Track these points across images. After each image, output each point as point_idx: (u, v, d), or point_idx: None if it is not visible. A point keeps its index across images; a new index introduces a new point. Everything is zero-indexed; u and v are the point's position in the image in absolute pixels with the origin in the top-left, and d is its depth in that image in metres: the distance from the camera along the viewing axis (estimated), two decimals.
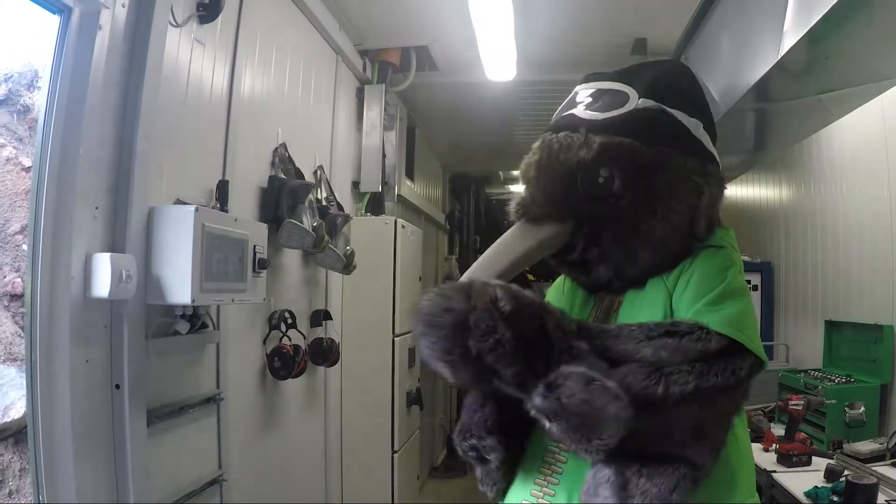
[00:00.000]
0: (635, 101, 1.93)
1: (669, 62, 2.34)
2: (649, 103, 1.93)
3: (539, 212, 1.91)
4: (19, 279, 3.72)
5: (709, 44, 4.14)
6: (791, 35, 2.86)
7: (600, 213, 1.88)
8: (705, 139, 1.98)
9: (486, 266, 1.89)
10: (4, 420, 3.43)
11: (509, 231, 1.97)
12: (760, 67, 3.22)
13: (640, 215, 1.85)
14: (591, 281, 2.02)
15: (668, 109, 1.93)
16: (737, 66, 3.60)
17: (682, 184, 1.88)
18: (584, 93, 2.05)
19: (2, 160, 3.87)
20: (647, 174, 1.86)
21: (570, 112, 2.02)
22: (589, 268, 1.96)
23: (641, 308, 1.89)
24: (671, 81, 2.02)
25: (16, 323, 3.71)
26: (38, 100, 4.00)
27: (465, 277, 1.81)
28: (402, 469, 5.80)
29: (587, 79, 2.13)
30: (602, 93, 2.00)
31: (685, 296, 1.81)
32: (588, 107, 1.98)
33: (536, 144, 2.03)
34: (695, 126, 1.96)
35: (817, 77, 3.27)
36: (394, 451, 5.70)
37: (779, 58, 2.98)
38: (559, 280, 2.27)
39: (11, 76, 4.00)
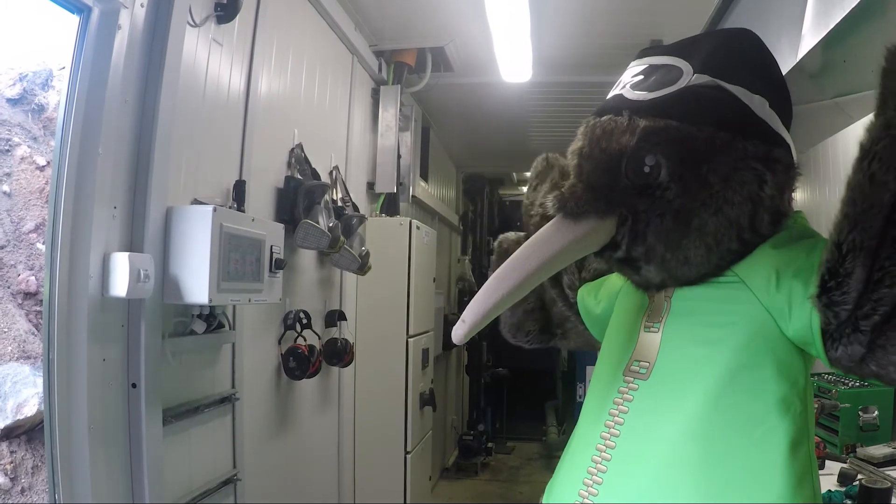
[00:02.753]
0: (688, 77, 1.70)
1: (733, 31, 1.98)
2: (704, 79, 1.70)
3: (576, 206, 1.68)
4: (33, 277, 3.74)
5: None
6: (809, 37, 2.85)
7: (644, 207, 1.67)
8: (772, 119, 1.72)
9: (513, 268, 1.70)
10: (17, 417, 3.45)
11: (544, 227, 1.75)
12: None
13: (689, 209, 1.64)
14: (643, 281, 1.85)
15: (726, 85, 1.69)
16: None
17: (740, 172, 1.64)
18: (634, 69, 1.84)
19: (16, 159, 3.90)
20: (697, 161, 1.64)
21: (617, 93, 1.81)
22: (638, 266, 1.77)
23: (694, 294, 1.74)
24: (731, 52, 1.78)
25: (29, 321, 3.74)
26: (53, 99, 4.04)
27: (493, 279, 1.70)
28: (414, 470, 5.81)
29: (642, 53, 1.91)
30: (654, 69, 1.78)
31: (783, 286, 1.58)
32: (636, 86, 1.77)
33: (581, 129, 1.83)
34: (759, 104, 1.70)
35: (835, 80, 3.24)
36: (406, 452, 5.72)
37: (797, 60, 2.97)
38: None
39: (26, 76, 4.02)
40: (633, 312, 1.91)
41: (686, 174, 1.64)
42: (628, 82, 1.80)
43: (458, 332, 1.72)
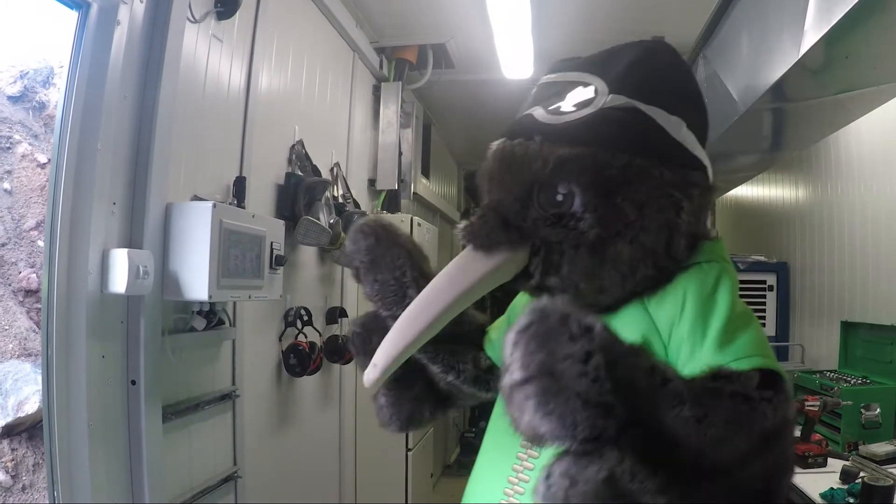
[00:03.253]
0: (603, 98, 1.58)
1: (649, 44, 1.76)
2: (620, 100, 1.57)
3: (487, 239, 1.58)
4: (34, 275, 3.73)
5: (728, 42, 4.11)
6: (812, 34, 2.84)
7: (558, 238, 1.56)
8: (689, 141, 1.62)
9: (426, 304, 1.62)
10: (18, 415, 3.44)
11: (454, 261, 1.65)
12: (780, 66, 3.19)
13: (604, 239, 1.53)
14: None
15: (642, 107, 1.57)
16: (756, 65, 3.57)
17: (656, 200, 1.54)
18: (547, 87, 1.71)
19: (17, 157, 3.89)
20: (612, 191, 1.53)
21: (528, 112, 1.68)
22: (553, 294, 1.61)
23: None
24: (648, 70, 1.65)
25: (30, 318, 3.72)
26: (54, 97, 4.03)
27: (404, 317, 1.63)
28: (415, 467, 5.80)
29: (555, 67, 1.76)
30: (568, 86, 1.65)
31: (682, 328, 1.51)
32: (548, 106, 1.64)
33: (491, 152, 1.71)
34: (675, 126, 1.60)
35: (837, 76, 3.24)
36: (408, 449, 5.70)
37: (799, 56, 2.96)
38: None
39: (27, 73, 4.01)
40: None
41: (600, 204, 1.53)
42: (541, 101, 1.68)
43: (370, 377, 1.65)
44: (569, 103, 1.61)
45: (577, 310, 1.21)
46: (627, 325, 1.57)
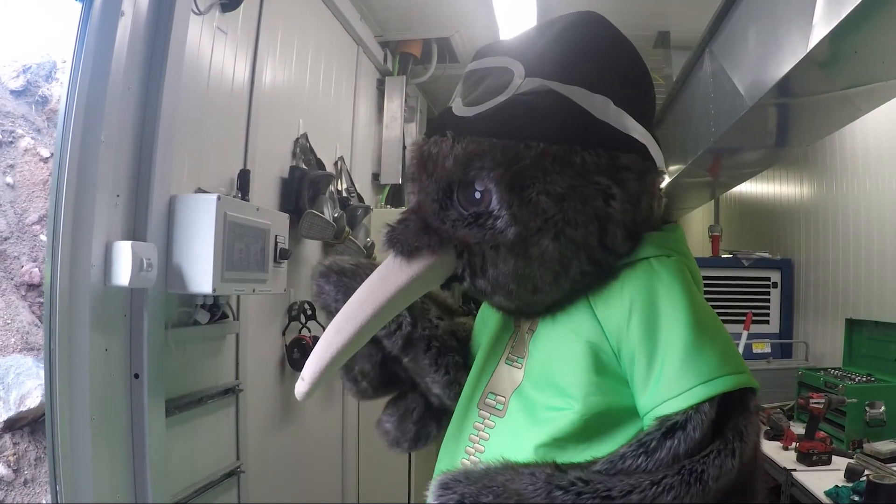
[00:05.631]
0: (518, 83, 1.49)
1: (573, 17, 1.62)
2: (534, 83, 1.48)
3: (406, 245, 1.52)
4: (36, 269, 3.73)
5: (734, 37, 4.07)
6: (820, 28, 2.81)
7: (477, 239, 1.48)
8: (619, 120, 1.51)
9: (348, 317, 1.55)
10: (20, 409, 3.44)
11: (377, 271, 1.60)
12: (788, 61, 3.16)
13: (524, 237, 1.44)
14: (499, 308, 1.67)
15: (560, 88, 1.47)
16: (763, 60, 3.54)
17: (580, 189, 1.44)
18: (469, 76, 1.65)
19: (20, 151, 3.89)
20: (525, 185, 1.44)
21: (448, 106, 1.63)
22: (488, 295, 1.59)
23: (554, 335, 1.57)
24: (567, 47, 1.55)
25: (32, 312, 3.72)
26: (56, 91, 4.02)
27: (329, 331, 1.57)
28: (419, 462, 5.77)
29: (478, 53, 1.67)
30: (487, 73, 1.57)
31: (630, 340, 1.44)
32: (466, 97, 1.59)
33: (411, 152, 1.65)
34: (601, 105, 1.48)
35: (845, 71, 3.20)
36: None
37: (807, 51, 2.93)
38: None
39: (30, 68, 4.01)
40: (494, 337, 1.78)
41: (514, 200, 1.44)
42: (461, 93, 1.63)
43: (300, 390, 1.60)
44: (483, 92, 1.54)
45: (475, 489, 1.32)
46: (573, 329, 1.53)
